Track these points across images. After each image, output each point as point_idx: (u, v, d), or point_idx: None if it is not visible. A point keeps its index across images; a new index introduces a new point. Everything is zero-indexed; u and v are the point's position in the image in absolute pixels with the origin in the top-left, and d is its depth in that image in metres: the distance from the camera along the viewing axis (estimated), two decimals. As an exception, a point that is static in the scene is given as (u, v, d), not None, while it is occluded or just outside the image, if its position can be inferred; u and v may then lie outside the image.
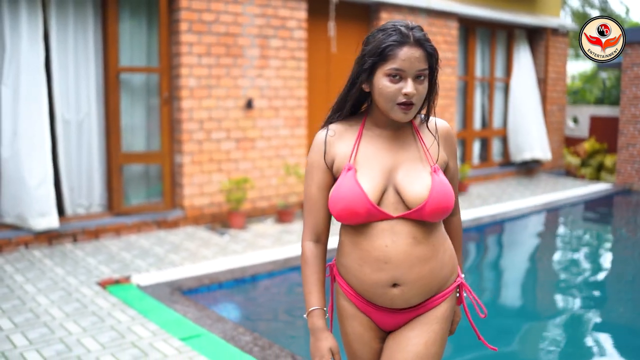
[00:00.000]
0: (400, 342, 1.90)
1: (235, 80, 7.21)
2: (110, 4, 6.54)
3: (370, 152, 1.88)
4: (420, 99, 1.83)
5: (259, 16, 7.30)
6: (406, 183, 1.84)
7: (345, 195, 1.81)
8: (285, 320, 4.98)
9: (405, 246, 1.83)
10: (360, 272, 1.87)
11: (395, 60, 1.78)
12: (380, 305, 1.91)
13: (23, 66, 5.94)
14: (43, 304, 4.61)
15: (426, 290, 1.89)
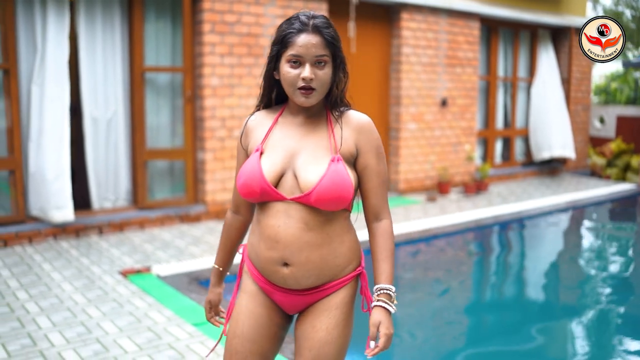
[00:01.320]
0: (305, 331, 2.00)
1: (256, 79, 7.41)
2: (136, 6, 6.80)
3: (278, 137, 1.99)
4: (321, 84, 1.91)
5: (280, 17, 7.49)
6: (302, 168, 1.92)
7: (246, 173, 1.94)
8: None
9: (295, 229, 1.91)
10: (259, 247, 1.99)
11: (294, 47, 1.88)
12: (275, 283, 2.00)
13: (48, 65, 6.22)
14: (67, 291, 4.86)
15: (316, 274, 1.96)
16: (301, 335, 2.00)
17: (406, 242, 6.63)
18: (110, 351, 3.76)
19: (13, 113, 6.23)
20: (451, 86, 9.40)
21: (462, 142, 9.66)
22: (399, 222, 7.26)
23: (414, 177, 9.12)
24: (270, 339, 2.05)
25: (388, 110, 9.02)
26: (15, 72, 6.22)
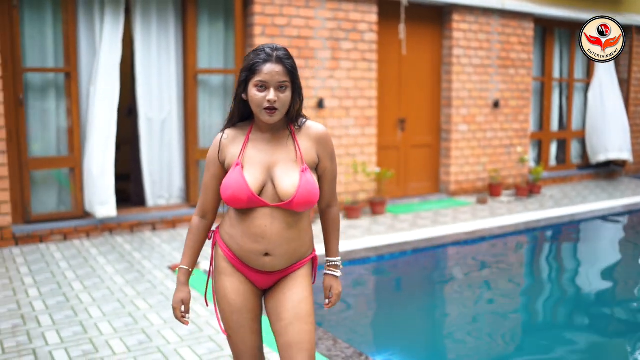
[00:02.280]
0: (279, 300, 2.40)
1: (306, 81, 7.54)
2: (190, 10, 7.03)
3: (254, 152, 2.34)
4: (283, 105, 2.27)
5: (330, 20, 7.60)
6: (279, 180, 2.30)
7: (232, 185, 2.28)
8: (334, 308, 5.24)
9: (279, 229, 2.32)
10: (242, 241, 2.35)
11: (261, 74, 2.25)
12: (254, 267, 2.38)
13: (101, 67, 6.52)
14: (119, 283, 5.09)
15: (288, 260, 2.39)
16: (276, 304, 2.40)
17: (452, 243, 6.64)
18: (153, 341, 3.94)
19: (73, 114, 6.55)
20: (504, 87, 9.32)
21: (514, 144, 9.55)
22: (447, 223, 7.26)
23: (465, 179, 9.08)
24: (258, 306, 2.46)
25: (439, 112, 9.00)
26: (76, 75, 6.53)
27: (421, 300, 5.49)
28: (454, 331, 4.78)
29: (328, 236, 2.57)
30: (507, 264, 6.52)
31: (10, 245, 6.19)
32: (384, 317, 5.12)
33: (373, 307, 5.38)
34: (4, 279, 5.20)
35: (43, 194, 6.62)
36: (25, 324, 4.23)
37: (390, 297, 5.66)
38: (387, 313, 5.20)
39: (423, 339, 4.63)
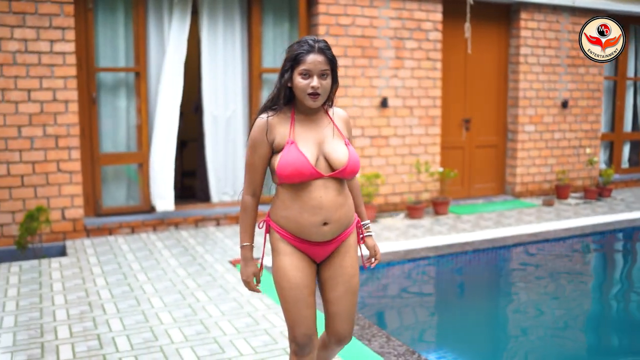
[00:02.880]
0: (335, 271, 2.65)
1: (370, 80, 7.56)
2: (255, 10, 7.17)
3: (302, 131, 2.57)
4: (324, 91, 2.52)
5: (394, 19, 7.59)
6: (332, 152, 2.56)
7: (294, 162, 2.49)
8: (391, 306, 5.25)
9: (332, 196, 2.56)
10: (301, 217, 2.56)
11: (305, 64, 2.48)
12: (315, 240, 2.59)
13: (167, 65, 6.74)
14: (181, 275, 5.26)
15: (342, 225, 2.63)
16: (332, 274, 2.65)
17: (515, 244, 6.52)
18: (210, 332, 4.05)
19: (142, 111, 6.79)
20: (573, 87, 9.06)
21: (583, 145, 9.27)
22: (510, 225, 7.13)
23: (531, 181, 8.88)
24: (313, 280, 2.64)
25: (505, 112, 8.84)
26: (145, 74, 6.77)
27: (479, 301, 5.43)
28: (509, 334, 4.71)
29: (357, 202, 2.83)
30: (570, 267, 6.35)
31: (82, 236, 6.47)
32: (440, 316, 5.10)
33: (430, 306, 5.36)
34: (75, 268, 5.45)
35: (113, 188, 6.89)
36: (92, 310, 4.43)
37: (448, 297, 5.62)
38: (443, 313, 5.18)
39: (477, 339, 4.59)
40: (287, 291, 2.57)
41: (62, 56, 6.19)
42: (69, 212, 6.39)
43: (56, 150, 6.27)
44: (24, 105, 6.11)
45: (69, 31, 6.20)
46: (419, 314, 5.11)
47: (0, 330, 4.08)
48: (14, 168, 6.14)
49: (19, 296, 4.75)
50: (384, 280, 5.71)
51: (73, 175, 6.37)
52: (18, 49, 6.03)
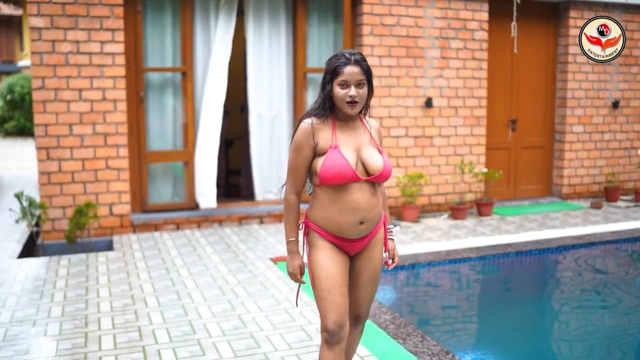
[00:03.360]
0: (364, 262, 2.89)
1: (414, 80, 7.54)
2: (300, 11, 7.23)
3: (343, 137, 2.78)
4: (361, 99, 2.74)
5: (440, 18, 7.55)
6: (369, 158, 2.77)
7: (337, 165, 2.70)
8: (429, 306, 5.24)
9: (368, 198, 2.78)
10: (340, 218, 2.77)
11: (343, 75, 2.70)
12: (352, 237, 2.81)
13: (212, 66, 6.87)
14: (222, 271, 5.36)
15: (374, 223, 2.86)
16: (360, 265, 2.89)
17: (559, 247, 6.39)
18: (247, 327, 4.13)
19: (188, 110, 6.94)
20: (625, 87, 8.83)
21: (635, 146, 9.03)
22: (555, 227, 7.01)
23: (579, 182, 8.70)
24: (346, 272, 2.84)
25: (552, 112, 8.68)
26: (191, 74, 6.92)
27: (519, 304, 5.36)
28: (548, 338, 4.64)
29: (384, 207, 3.00)
30: (615, 271, 6.21)
31: (128, 232, 6.65)
32: (479, 318, 5.06)
33: (468, 307, 5.32)
34: (120, 263, 5.61)
35: (159, 185, 7.06)
36: (134, 303, 4.57)
37: (488, 298, 5.57)
38: (482, 314, 5.13)
39: (515, 343, 4.53)
40: (324, 280, 2.76)
41: (111, 57, 6.38)
42: (116, 208, 6.58)
43: (105, 148, 6.46)
44: (75, 104, 6.32)
45: (119, 32, 6.38)
46: (457, 314, 5.08)
47: (48, 320, 4.25)
48: (65, 165, 6.36)
49: (67, 288, 4.93)
50: (424, 280, 5.70)
51: (121, 172, 6.55)
52: (70, 50, 6.25)
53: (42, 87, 6.22)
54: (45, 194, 6.34)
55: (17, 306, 4.53)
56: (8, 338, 3.96)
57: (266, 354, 3.72)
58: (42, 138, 6.28)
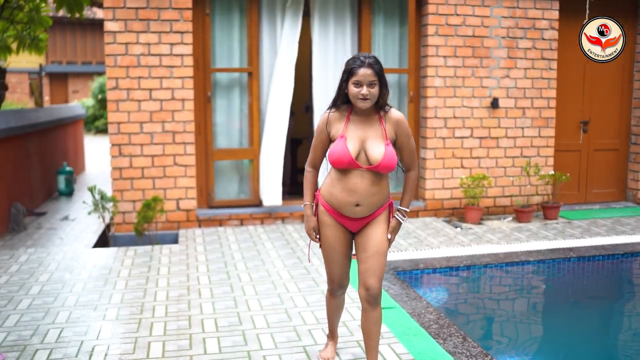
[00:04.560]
0: (367, 236, 3.27)
1: (480, 80, 7.46)
2: (365, 11, 7.31)
3: (353, 129, 3.21)
4: (372, 97, 3.12)
5: (507, 18, 7.43)
6: (370, 149, 3.16)
7: (338, 151, 3.15)
8: (478, 308, 5.21)
9: (366, 185, 3.17)
10: (340, 195, 3.21)
11: (357, 75, 3.10)
12: (349, 216, 3.25)
13: (278, 66, 7.05)
14: (277, 267, 5.51)
15: (371, 209, 3.24)
16: (363, 240, 3.27)
17: (625, 254, 6.17)
18: (292, 321, 4.25)
19: (254, 110, 7.15)
20: None
21: None
22: (625, 233, 6.77)
23: (657, 187, 8.34)
24: (347, 246, 3.36)
25: (629, 114, 8.36)
26: (257, 74, 7.12)
27: (571, 310, 5.23)
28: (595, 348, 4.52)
29: (404, 191, 3.39)
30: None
31: (194, 226, 6.93)
32: (527, 323, 4.97)
33: (518, 311, 5.23)
34: (182, 255, 5.87)
35: (225, 182, 7.31)
36: (189, 294, 4.78)
37: (539, 303, 5.46)
38: (530, 319, 5.04)
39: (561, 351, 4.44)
40: (327, 252, 3.37)
41: (180, 58, 6.67)
42: (183, 203, 6.86)
43: (173, 145, 6.76)
44: (145, 103, 6.65)
45: (187, 35, 6.66)
46: (505, 318, 5.02)
47: (108, 305, 4.52)
48: (136, 161, 6.69)
49: (129, 277, 5.21)
50: (477, 282, 5.66)
51: (187, 168, 6.83)
52: (142, 52, 6.57)
53: (116, 87, 6.58)
54: (117, 188, 6.70)
55: (82, 292, 4.84)
56: (70, 320, 4.25)
57: (305, 347, 3.83)
58: (115, 135, 6.65)
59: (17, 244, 6.57)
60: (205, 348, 3.79)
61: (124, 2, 6.48)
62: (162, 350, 3.77)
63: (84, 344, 3.86)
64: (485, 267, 5.81)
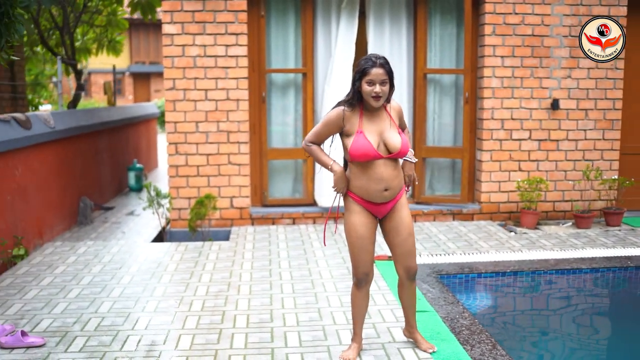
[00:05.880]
0: (396, 221, 3.62)
1: (540, 81, 7.26)
2: (421, 12, 7.26)
3: (368, 124, 3.50)
4: (384, 94, 3.44)
5: (569, 16, 7.19)
6: (390, 139, 3.48)
7: (362, 147, 3.43)
8: (515, 315, 5.09)
9: (390, 171, 3.52)
10: (369, 186, 3.51)
11: (370, 75, 3.40)
12: (378, 202, 3.56)
13: (335, 67, 7.10)
14: (320, 266, 5.57)
15: (397, 191, 3.59)
16: (394, 225, 3.62)
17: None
18: (322, 320, 4.30)
19: (308, 110, 7.23)
20: None
21: None
22: (690, 242, 6.45)
23: None
24: (374, 233, 3.64)
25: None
26: (312, 75, 7.20)
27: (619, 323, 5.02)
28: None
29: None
30: None
31: (247, 224, 7.09)
32: (566, 333, 4.80)
33: (558, 322, 5.06)
34: (230, 252, 6.03)
35: (279, 181, 7.44)
36: (228, 290, 4.92)
37: (584, 315, 5.24)
38: (571, 330, 4.87)
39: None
40: (354, 240, 3.60)
41: (235, 59, 6.84)
42: (236, 201, 7.04)
43: (227, 144, 6.94)
44: (201, 103, 6.86)
45: (242, 36, 6.82)
46: (546, 329, 4.87)
47: (150, 298, 4.73)
48: (191, 159, 6.92)
49: (175, 271, 5.41)
50: (522, 288, 5.52)
51: (241, 167, 7.00)
52: (198, 53, 6.78)
53: (173, 88, 6.82)
54: (173, 185, 6.95)
55: (128, 284, 5.07)
56: (112, 310, 4.47)
57: (329, 346, 3.88)
58: (172, 134, 6.89)
59: (82, 236, 6.92)
60: (232, 343, 3.90)
61: (182, 5, 6.71)
62: (191, 343, 3.91)
63: (119, 333, 4.05)
64: (534, 273, 5.66)
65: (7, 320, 4.28)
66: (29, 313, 4.42)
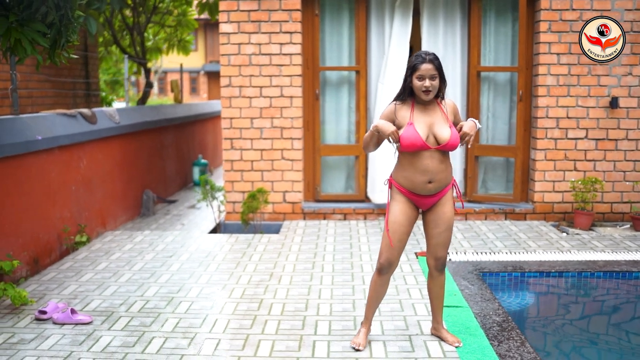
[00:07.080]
0: (438, 214, 3.76)
1: (597, 78, 7.10)
2: (474, 9, 7.24)
3: (419, 116, 3.66)
4: (434, 88, 3.60)
5: (632, 10, 6.99)
6: (439, 132, 3.62)
7: (410, 137, 3.59)
8: (552, 315, 5.04)
9: (436, 163, 3.63)
10: (414, 177, 3.66)
11: (420, 70, 3.57)
12: (423, 194, 3.70)
13: (389, 66, 7.16)
14: (364, 260, 5.70)
15: (442, 184, 3.70)
16: (435, 217, 3.77)
17: None
18: (355, 311, 4.42)
19: (361, 107, 7.35)
20: None
21: None
22: None
23: None
24: (412, 224, 3.79)
25: None
26: (365, 73, 7.31)
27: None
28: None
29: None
30: None
31: (298, 218, 7.28)
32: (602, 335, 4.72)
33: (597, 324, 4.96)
34: (278, 244, 6.22)
35: (332, 177, 7.59)
36: (270, 279, 5.11)
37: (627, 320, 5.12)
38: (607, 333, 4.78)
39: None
40: (391, 224, 3.74)
41: (289, 57, 7.03)
42: (289, 196, 7.23)
43: (281, 140, 7.15)
44: (256, 100, 7.09)
45: (296, 35, 7.01)
46: (582, 331, 4.80)
47: (194, 285, 4.96)
48: (246, 154, 7.16)
49: (222, 261, 5.65)
50: (566, 289, 5.44)
51: (294, 163, 7.19)
52: (253, 51, 7.02)
53: (229, 85, 7.08)
54: (228, 179, 7.21)
55: (177, 271, 5.34)
56: (157, 294, 4.74)
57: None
58: (228, 130, 7.15)
59: (143, 227, 7.29)
60: (264, 329, 4.08)
61: (238, 5, 6.96)
62: (225, 327, 4.11)
63: (160, 315, 4.31)
64: (580, 274, 5.58)
65: (62, 299, 4.62)
66: (82, 294, 4.75)
